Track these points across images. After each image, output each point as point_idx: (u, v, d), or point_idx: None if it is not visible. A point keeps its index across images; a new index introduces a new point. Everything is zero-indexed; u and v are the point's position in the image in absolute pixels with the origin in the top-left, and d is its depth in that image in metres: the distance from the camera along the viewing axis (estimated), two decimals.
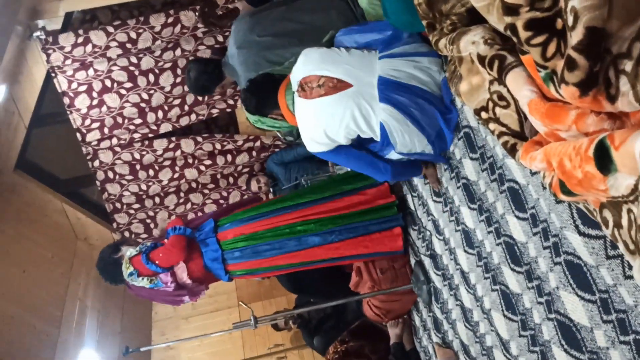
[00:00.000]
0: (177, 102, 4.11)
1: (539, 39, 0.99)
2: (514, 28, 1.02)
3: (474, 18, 1.36)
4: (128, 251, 2.91)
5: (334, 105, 2.01)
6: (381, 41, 2.07)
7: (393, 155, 2.08)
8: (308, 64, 2.12)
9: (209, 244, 2.86)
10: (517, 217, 1.64)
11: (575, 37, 0.93)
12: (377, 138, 2.03)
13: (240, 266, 2.89)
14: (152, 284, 2.82)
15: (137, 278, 2.81)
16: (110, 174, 4.26)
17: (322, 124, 2.06)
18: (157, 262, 2.77)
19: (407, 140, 1.99)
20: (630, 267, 1.15)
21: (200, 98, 4.11)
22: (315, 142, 2.14)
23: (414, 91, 1.93)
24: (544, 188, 1.39)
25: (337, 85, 2.00)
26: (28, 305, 3.62)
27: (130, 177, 4.30)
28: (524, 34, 1.00)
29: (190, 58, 3.98)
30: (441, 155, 2.09)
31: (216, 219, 2.98)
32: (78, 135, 4.02)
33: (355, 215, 2.85)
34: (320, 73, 2.05)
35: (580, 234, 1.30)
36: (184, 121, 4.24)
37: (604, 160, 0.96)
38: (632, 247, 1.00)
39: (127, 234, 4.48)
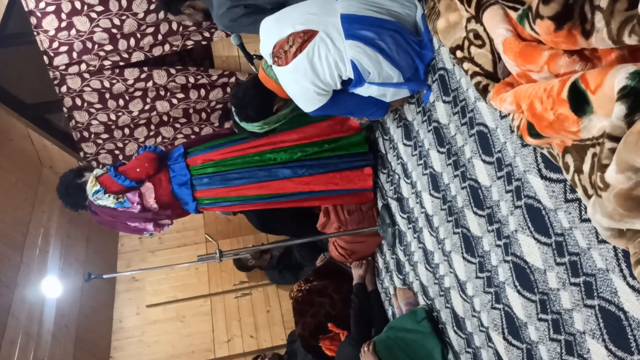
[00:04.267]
0: (150, 30, 3.97)
1: None
2: None
3: None
4: (95, 171, 2.86)
5: (310, 57, 1.97)
6: None
7: (362, 92, 2.04)
8: (269, 33, 2.08)
9: (177, 169, 2.83)
10: (484, 161, 1.66)
11: None
12: (352, 76, 1.99)
13: (208, 193, 2.86)
14: (118, 203, 2.74)
15: (104, 195, 2.74)
16: (79, 101, 4.14)
17: (309, 79, 2.01)
18: (126, 172, 2.72)
19: (382, 72, 1.96)
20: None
21: (174, 27, 3.98)
22: (310, 100, 2.10)
23: (380, 24, 1.90)
24: (512, 131, 1.40)
25: (305, 37, 1.96)
26: None
27: (99, 106, 4.19)
28: None
29: None
30: (425, 84, 2.02)
31: (186, 148, 2.94)
32: (45, 58, 3.88)
33: (324, 143, 2.84)
34: (285, 34, 2.01)
35: (542, 177, 1.31)
36: (157, 51, 4.11)
37: (579, 102, 0.95)
38: (590, 192, 1.01)
39: (94, 164, 4.40)
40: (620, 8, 0.87)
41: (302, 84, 2.05)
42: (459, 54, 1.42)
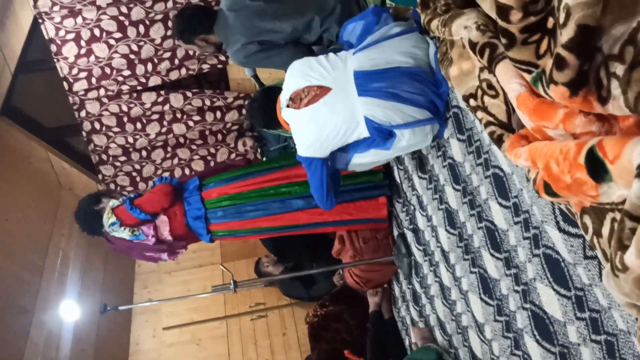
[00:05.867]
0: (167, 55, 4.02)
1: (534, 38, 0.94)
2: (506, 31, 0.97)
3: (468, 0, 1.30)
4: (111, 202, 2.88)
5: (319, 112, 2.02)
6: (356, 37, 2.06)
7: (402, 142, 1.99)
8: (292, 78, 2.13)
9: (192, 202, 2.83)
10: (500, 204, 1.62)
11: (565, 34, 0.88)
12: (367, 133, 1.98)
13: (223, 226, 2.87)
14: (133, 236, 2.78)
15: (119, 228, 2.77)
16: (97, 125, 4.19)
17: (312, 129, 2.06)
18: (141, 205, 2.74)
19: (404, 117, 1.93)
20: None
21: (190, 52, 4.01)
22: (305, 145, 2.13)
23: (393, 73, 1.88)
24: (528, 180, 1.36)
25: (319, 92, 2.01)
26: (10, 252, 3.60)
27: (117, 129, 4.23)
28: (520, 37, 0.95)
29: None
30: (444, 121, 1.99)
31: (201, 179, 2.94)
32: (65, 84, 3.94)
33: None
34: (302, 85, 2.07)
35: (560, 230, 1.27)
36: (174, 75, 4.15)
37: (597, 169, 0.92)
38: (609, 255, 0.98)
39: (112, 186, 4.44)
40: (637, 77, 0.83)
41: (305, 131, 2.10)
42: (472, 102, 1.39)
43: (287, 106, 2.14)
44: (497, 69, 1.17)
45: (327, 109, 2.00)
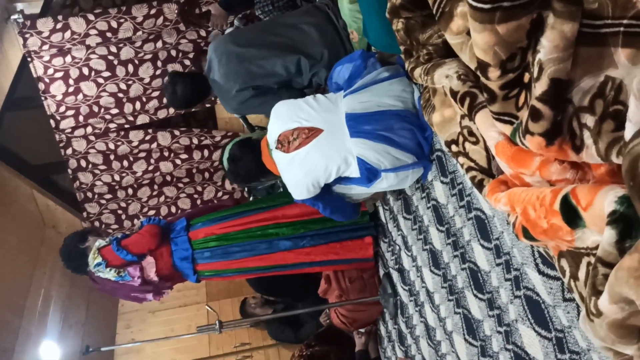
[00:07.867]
0: (155, 94, 4.07)
1: (513, 93, 1.00)
2: (487, 87, 1.02)
3: (450, 50, 1.35)
4: (97, 242, 2.86)
5: (311, 154, 2.04)
6: (346, 80, 2.10)
7: (382, 183, 2.05)
8: (279, 120, 2.15)
9: (179, 242, 2.83)
10: (482, 246, 1.65)
11: (539, 87, 0.93)
12: (357, 174, 2.02)
13: (210, 266, 2.87)
14: (119, 277, 2.77)
15: (105, 269, 2.75)
16: (83, 163, 4.20)
17: (304, 171, 2.08)
18: (128, 247, 2.73)
19: (393, 160, 1.98)
20: None
21: None
22: (299, 189, 2.16)
23: (384, 115, 1.94)
24: (508, 223, 1.40)
25: (310, 134, 2.04)
26: None
27: (103, 167, 4.24)
28: (500, 93, 1.01)
29: (171, 51, 3.94)
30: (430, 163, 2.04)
31: (189, 219, 2.95)
32: (52, 122, 3.96)
33: (327, 220, 2.84)
34: (291, 127, 2.09)
35: (540, 272, 1.30)
36: (162, 114, 4.19)
37: (571, 215, 0.96)
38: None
39: (97, 223, 4.42)
40: (607, 129, 0.88)
41: (297, 174, 2.12)
42: (454, 148, 1.44)
43: (276, 148, 2.16)
44: (476, 117, 1.22)
45: (319, 151, 2.03)
